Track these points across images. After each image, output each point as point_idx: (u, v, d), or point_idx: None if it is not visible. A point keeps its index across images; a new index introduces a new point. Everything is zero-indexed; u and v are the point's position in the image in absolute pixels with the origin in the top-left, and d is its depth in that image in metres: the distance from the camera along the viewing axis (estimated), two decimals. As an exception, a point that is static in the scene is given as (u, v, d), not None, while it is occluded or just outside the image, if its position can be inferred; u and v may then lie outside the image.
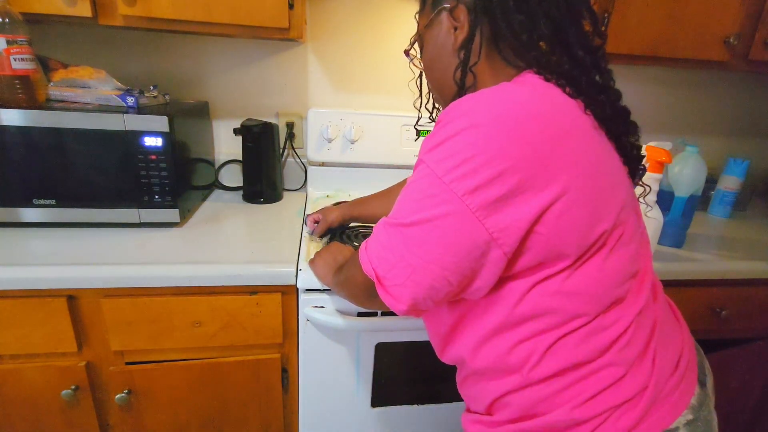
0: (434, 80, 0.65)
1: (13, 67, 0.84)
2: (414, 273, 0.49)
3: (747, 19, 1.08)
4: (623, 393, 0.50)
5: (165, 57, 1.21)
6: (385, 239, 0.52)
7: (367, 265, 0.53)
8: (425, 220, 0.48)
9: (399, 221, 0.50)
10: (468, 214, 0.46)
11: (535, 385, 0.52)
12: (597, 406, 0.50)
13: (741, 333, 1.12)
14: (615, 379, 0.50)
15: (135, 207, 0.94)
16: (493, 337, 0.54)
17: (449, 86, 0.59)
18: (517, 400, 0.54)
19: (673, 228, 1.07)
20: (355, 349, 0.89)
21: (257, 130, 1.16)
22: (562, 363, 0.51)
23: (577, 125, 0.48)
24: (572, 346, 0.51)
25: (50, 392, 0.86)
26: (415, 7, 0.64)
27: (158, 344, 0.86)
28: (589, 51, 0.53)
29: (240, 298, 0.85)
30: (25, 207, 0.90)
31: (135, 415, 0.92)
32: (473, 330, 0.55)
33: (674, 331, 0.58)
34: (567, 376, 0.51)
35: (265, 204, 1.21)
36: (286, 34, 0.96)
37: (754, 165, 1.37)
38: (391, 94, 1.32)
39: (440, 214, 0.47)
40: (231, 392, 0.93)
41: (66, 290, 0.80)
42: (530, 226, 0.47)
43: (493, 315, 0.53)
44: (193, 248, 0.90)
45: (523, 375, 0.52)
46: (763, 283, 1.05)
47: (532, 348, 0.51)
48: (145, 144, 0.90)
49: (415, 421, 0.99)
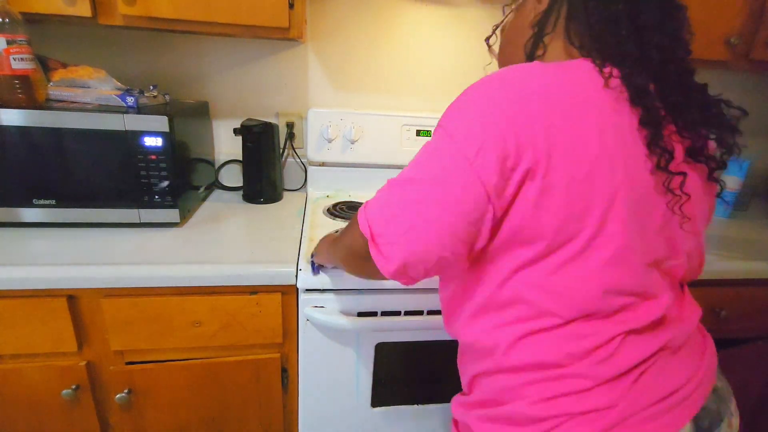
0: (506, 55, 0.66)
1: (12, 67, 0.84)
2: (410, 231, 0.49)
3: (748, 19, 1.07)
4: (584, 404, 0.50)
5: (165, 57, 1.20)
6: (386, 196, 0.52)
7: (363, 223, 0.52)
8: (430, 177, 0.48)
9: (403, 177, 0.51)
10: (472, 174, 0.46)
11: (504, 372, 0.54)
12: (554, 408, 0.50)
13: (741, 333, 1.12)
14: (579, 389, 0.50)
15: (135, 207, 0.94)
16: (478, 315, 0.56)
17: (519, 59, 0.61)
18: (487, 383, 0.56)
19: (673, 228, 1.07)
20: (355, 349, 0.89)
21: (257, 130, 1.16)
22: (531, 358, 0.52)
23: (590, 117, 0.47)
24: (544, 344, 0.51)
25: (50, 392, 0.86)
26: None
27: (158, 344, 0.86)
28: (661, 50, 0.50)
29: (240, 298, 0.85)
30: (25, 207, 0.90)
31: (135, 415, 0.92)
32: (465, 305, 0.57)
33: (686, 364, 0.54)
34: (533, 372, 0.52)
35: (265, 204, 1.21)
36: (287, 34, 0.96)
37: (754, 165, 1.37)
38: (391, 94, 1.32)
39: (445, 171, 0.48)
40: (231, 392, 0.93)
41: (66, 290, 0.80)
42: (517, 191, 0.47)
43: (479, 293, 0.55)
44: (193, 248, 0.90)
45: (495, 359, 0.54)
46: (763, 283, 1.05)
47: (506, 335, 0.53)
48: (145, 144, 0.90)
49: (415, 421, 0.99)
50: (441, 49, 1.30)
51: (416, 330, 0.90)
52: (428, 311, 0.87)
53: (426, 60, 1.31)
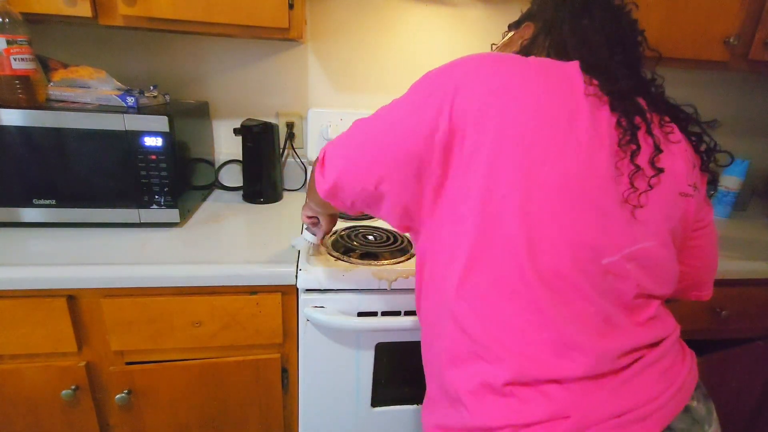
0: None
1: (13, 67, 0.84)
2: (348, 155, 0.57)
3: (747, 20, 1.08)
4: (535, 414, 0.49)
5: (165, 57, 1.21)
6: (347, 131, 0.59)
7: (322, 150, 0.61)
8: (383, 117, 0.56)
9: (366, 117, 0.58)
10: (417, 118, 0.52)
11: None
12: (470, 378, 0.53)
13: (741, 333, 1.12)
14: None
15: (135, 207, 0.94)
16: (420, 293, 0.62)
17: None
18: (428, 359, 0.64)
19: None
20: (355, 349, 0.89)
21: (257, 130, 1.16)
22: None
23: (541, 102, 0.50)
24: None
25: (50, 392, 0.86)
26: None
27: (158, 344, 0.86)
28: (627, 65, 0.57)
29: (240, 298, 0.85)
30: (25, 207, 0.90)
31: (135, 415, 0.92)
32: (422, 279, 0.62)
33: (653, 382, 0.52)
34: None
35: (265, 204, 1.21)
36: (286, 34, 0.96)
37: (754, 165, 1.37)
38: (392, 94, 1.32)
39: (398, 114, 0.55)
40: (231, 392, 0.93)
41: (66, 290, 0.80)
42: (451, 148, 0.51)
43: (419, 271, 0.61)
44: (193, 248, 0.90)
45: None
46: (763, 283, 1.05)
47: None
48: (145, 144, 0.90)
49: (416, 421, 0.99)
50: (441, 49, 1.30)
51: (416, 330, 0.89)
52: (428, 311, 0.87)
53: (426, 60, 1.31)
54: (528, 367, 0.49)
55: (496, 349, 0.50)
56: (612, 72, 0.54)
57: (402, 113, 0.54)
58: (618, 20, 0.60)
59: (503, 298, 0.50)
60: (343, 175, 0.57)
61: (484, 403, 0.51)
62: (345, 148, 0.58)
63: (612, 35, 0.58)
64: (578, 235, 0.49)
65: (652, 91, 0.58)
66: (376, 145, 0.55)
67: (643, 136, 0.52)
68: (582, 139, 0.49)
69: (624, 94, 0.53)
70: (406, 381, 0.97)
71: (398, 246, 0.94)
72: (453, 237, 0.52)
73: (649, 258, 0.53)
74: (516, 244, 0.49)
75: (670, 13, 1.05)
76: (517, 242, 0.49)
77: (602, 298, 0.50)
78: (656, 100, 0.57)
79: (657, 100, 0.57)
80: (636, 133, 0.51)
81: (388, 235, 0.99)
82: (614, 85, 0.53)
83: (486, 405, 0.50)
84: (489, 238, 0.49)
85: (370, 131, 0.56)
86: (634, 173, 0.50)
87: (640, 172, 0.51)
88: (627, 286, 0.52)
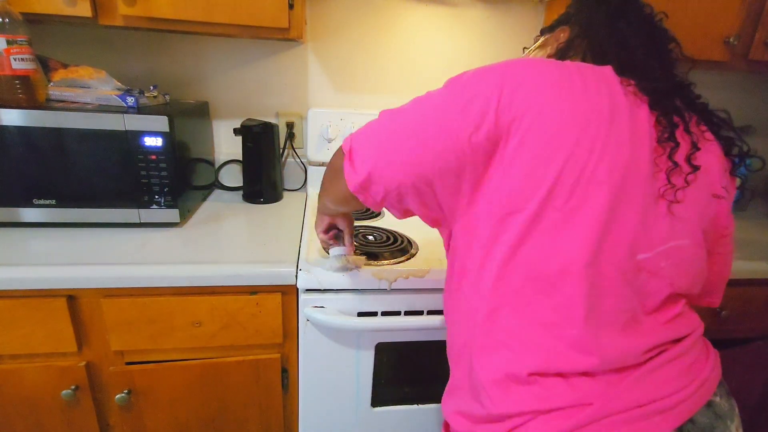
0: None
1: (13, 67, 0.84)
2: (380, 149, 0.55)
3: (747, 20, 1.08)
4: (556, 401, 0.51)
5: (165, 57, 1.21)
6: (374, 123, 0.57)
7: (347, 141, 0.58)
8: (416, 113, 0.55)
9: (395, 109, 0.57)
10: (453, 123, 0.51)
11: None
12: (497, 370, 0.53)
13: (741, 333, 1.12)
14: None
15: (135, 207, 0.94)
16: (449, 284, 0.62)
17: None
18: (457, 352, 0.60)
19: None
20: (355, 349, 0.89)
21: (257, 130, 1.16)
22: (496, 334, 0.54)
23: (578, 104, 0.50)
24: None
25: (50, 392, 0.86)
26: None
27: (158, 344, 0.86)
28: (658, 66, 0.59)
29: (240, 298, 0.85)
30: (25, 207, 0.90)
31: (135, 415, 0.92)
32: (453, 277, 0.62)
33: (678, 374, 0.53)
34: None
35: (265, 204, 1.21)
36: (286, 34, 0.96)
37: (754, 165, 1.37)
38: (391, 94, 1.32)
39: (433, 111, 0.54)
40: (231, 392, 0.93)
41: (66, 290, 0.80)
42: (495, 148, 0.51)
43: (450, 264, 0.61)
44: (193, 248, 0.90)
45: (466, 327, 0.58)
46: (763, 283, 1.05)
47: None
48: (145, 144, 0.90)
49: (415, 421, 0.99)
50: (441, 49, 1.30)
51: (416, 330, 0.89)
52: (428, 311, 0.87)
53: (426, 60, 1.31)
54: (554, 360, 0.50)
55: (526, 342, 0.51)
56: (650, 72, 0.56)
57: (445, 110, 0.53)
58: (652, 25, 0.62)
59: (539, 293, 0.51)
60: (376, 169, 0.55)
61: (509, 392, 0.52)
62: (378, 140, 0.56)
63: (648, 38, 0.60)
64: (619, 229, 0.50)
65: (687, 94, 0.59)
66: (415, 139, 0.53)
67: (680, 134, 0.53)
68: (624, 135, 0.50)
69: (663, 93, 0.54)
70: (406, 381, 0.97)
71: (398, 246, 0.94)
72: (491, 232, 0.52)
73: (683, 257, 0.54)
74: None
75: (670, 13, 1.05)
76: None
77: (634, 296, 0.52)
78: (692, 102, 0.58)
79: (692, 102, 0.58)
80: (674, 131, 0.52)
81: (388, 236, 0.99)
82: (653, 84, 0.54)
83: (510, 394, 0.52)
84: (531, 233, 0.50)
85: (407, 124, 0.55)
86: (672, 170, 0.52)
87: (677, 169, 0.52)
88: (660, 284, 0.53)
